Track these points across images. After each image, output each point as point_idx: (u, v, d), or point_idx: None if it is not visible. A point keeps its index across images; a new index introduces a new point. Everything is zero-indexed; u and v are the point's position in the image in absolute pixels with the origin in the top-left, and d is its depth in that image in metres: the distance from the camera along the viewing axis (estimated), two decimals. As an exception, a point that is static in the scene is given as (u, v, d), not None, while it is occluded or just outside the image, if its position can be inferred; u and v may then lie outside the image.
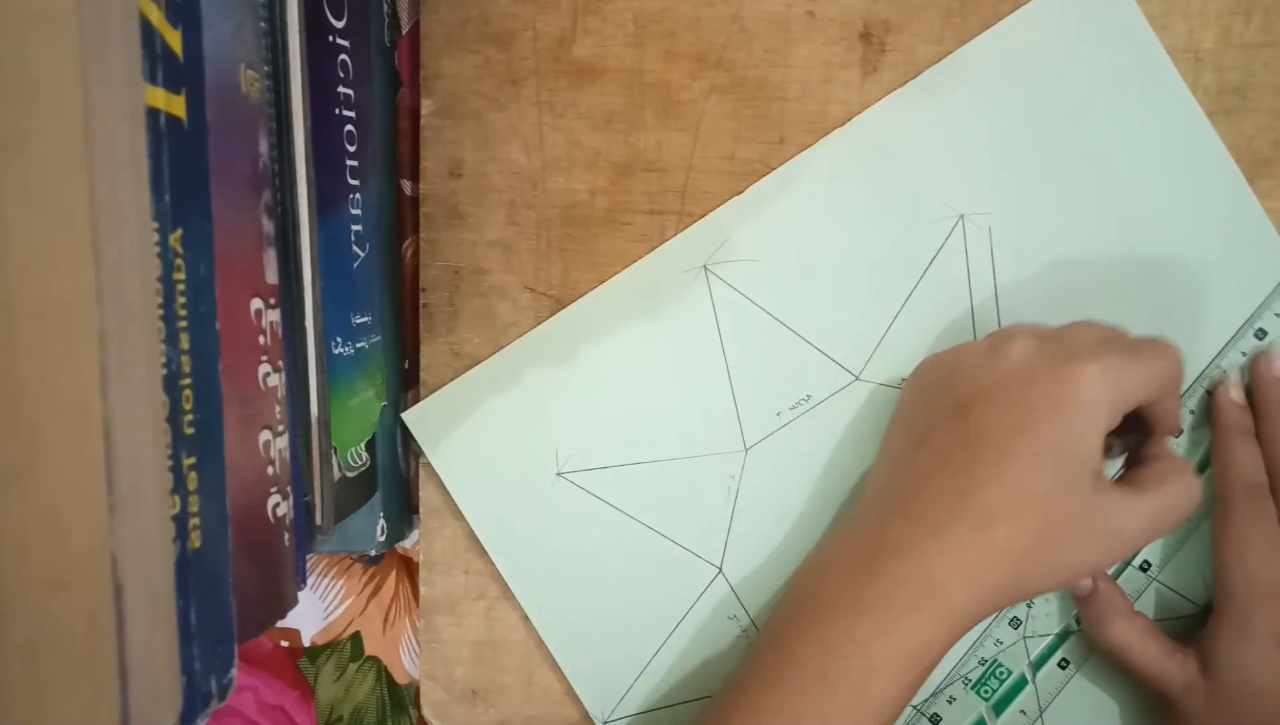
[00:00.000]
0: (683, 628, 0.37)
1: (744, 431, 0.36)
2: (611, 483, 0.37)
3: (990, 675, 0.35)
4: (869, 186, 0.36)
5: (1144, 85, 0.35)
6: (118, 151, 0.17)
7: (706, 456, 0.36)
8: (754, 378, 0.36)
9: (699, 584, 0.37)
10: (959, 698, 0.35)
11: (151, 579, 0.18)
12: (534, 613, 0.37)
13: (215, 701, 0.20)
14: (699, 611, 0.37)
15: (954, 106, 0.36)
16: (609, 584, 0.37)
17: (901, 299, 0.36)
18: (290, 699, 0.41)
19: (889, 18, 0.36)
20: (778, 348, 0.36)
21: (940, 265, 0.36)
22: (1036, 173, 0.36)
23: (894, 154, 0.36)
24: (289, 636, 0.41)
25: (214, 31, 0.21)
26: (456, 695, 0.39)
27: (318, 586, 0.41)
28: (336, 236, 0.31)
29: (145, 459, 0.18)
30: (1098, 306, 0.34)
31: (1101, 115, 0.35)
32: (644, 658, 0.37)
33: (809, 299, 0.36)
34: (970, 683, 0.35)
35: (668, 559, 0.37)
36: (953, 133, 0.36)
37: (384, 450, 0.36)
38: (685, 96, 0.37)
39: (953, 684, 0.35)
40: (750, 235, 0.36)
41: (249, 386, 0.23)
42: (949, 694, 0.35)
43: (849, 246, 0.36)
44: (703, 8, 0.36)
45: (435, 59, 0.37)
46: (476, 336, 0.38)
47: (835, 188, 0.36)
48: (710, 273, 0.36)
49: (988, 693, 0.35)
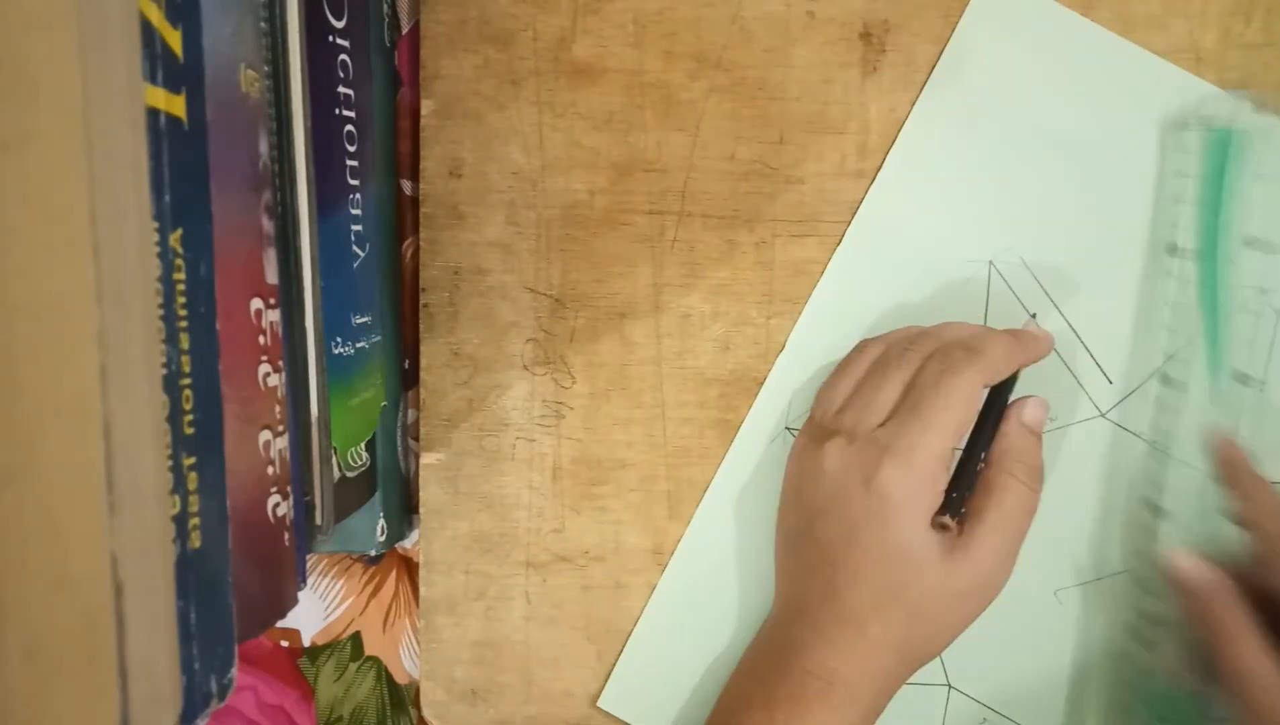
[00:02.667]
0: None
1: None
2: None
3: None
4: (898, 285, 0.37)
5: (1081, 57, 0.35)
6: (118, 151, 0.17)
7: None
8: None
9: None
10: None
11: (151, 579, 0.18)
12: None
13: (215, 701, 0.20)
14: None
15: (934, 165, 0.36)
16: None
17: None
18: (290, 699, 0.41)
19: (889, 18, 0.36)
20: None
21: (995, 310, 0.36)
22: (1031, 188, 0.36)
23: (903, 237, 0.36)
24: (289, 636, 0.41)
25: (214, 31, 0.21)
26: (456, 695, 0.39)
27: (318, 586, 0.41)
28: (336, 236, 0.31)
29: (145, 459, 0.18)
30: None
31: (1059, 106, 0.36)
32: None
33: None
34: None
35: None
36: (943, 191, 0.36)
37: (384, 450, 0.36)
38: (685, 96, 0.37)
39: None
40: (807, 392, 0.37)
41: (249, 386, 0.23)
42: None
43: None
44: (703, 8, 0.36)
45: (435, 59, 0.37)
46: (476, 336, 0.38)
47: (862, 299, 0.37)
48: (790, 432, 0.37)
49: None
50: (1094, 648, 0.36)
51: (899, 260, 0.37)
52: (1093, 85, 0.36)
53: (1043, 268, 0.36)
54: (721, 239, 0.37)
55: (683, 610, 0.38)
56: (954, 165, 0.36)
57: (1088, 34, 0.35)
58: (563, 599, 0.38)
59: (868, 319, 0.37)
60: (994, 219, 0.36)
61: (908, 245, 0.36)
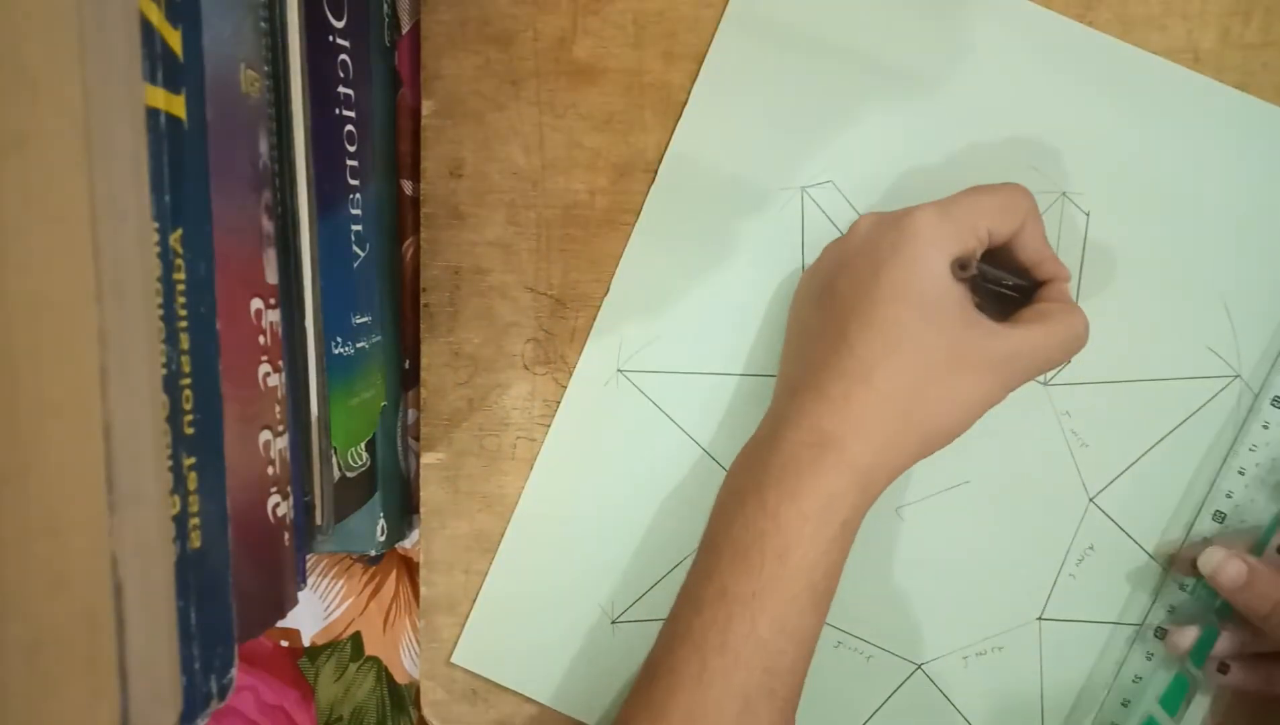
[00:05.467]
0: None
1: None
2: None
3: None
4: (711, 220, 0.37)
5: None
6: (118, 151, 0.17)
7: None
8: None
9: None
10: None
11: (151, 579, 0.18)
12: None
13: (215, 701, 0.20)
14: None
15: (736, 102, 0.36)
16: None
17: None
18: (290, 699, 0.41)
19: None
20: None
21: (810, 238, 0.36)
22: (841, 116, 0.36)
23: (713, 174, 0.36)
24: (289, 636, 0.41)
25: (214, 31, 0.21)
26: (456, 695, 0.39)
27: (318, 586, 0.41)
28: (336, 236, 0.31)
29: (145, 459, 0.18)
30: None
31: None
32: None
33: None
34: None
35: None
36: (749, 125, 0.36)
37: (384, 450, 0.36)
38: (685, 97, 0.37)
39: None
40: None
41: (249, 386, 0.23)
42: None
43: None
44: (703, 8, 0.36)
45: (435, 59, 0.37)
46: (476, 336, 0.38)
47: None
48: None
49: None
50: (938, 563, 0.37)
51: (710, 198, 0.36)
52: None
53: (859, 192, 0.36)
54: (721, 239, 0.37)
55: (527, 560, 0.38)
56: (759, 99, 0.36)
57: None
58: (563, 599, 0.38)
59: (685, 256, 0.37)
60: (804, 149, 0.36)
61: (717, 183, 0.36)
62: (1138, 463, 0.36)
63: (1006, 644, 0.36)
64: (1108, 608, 0.36)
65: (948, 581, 0.37)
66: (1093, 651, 0.36)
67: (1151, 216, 0.35)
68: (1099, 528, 0.36)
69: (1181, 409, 0.35)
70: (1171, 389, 0.35)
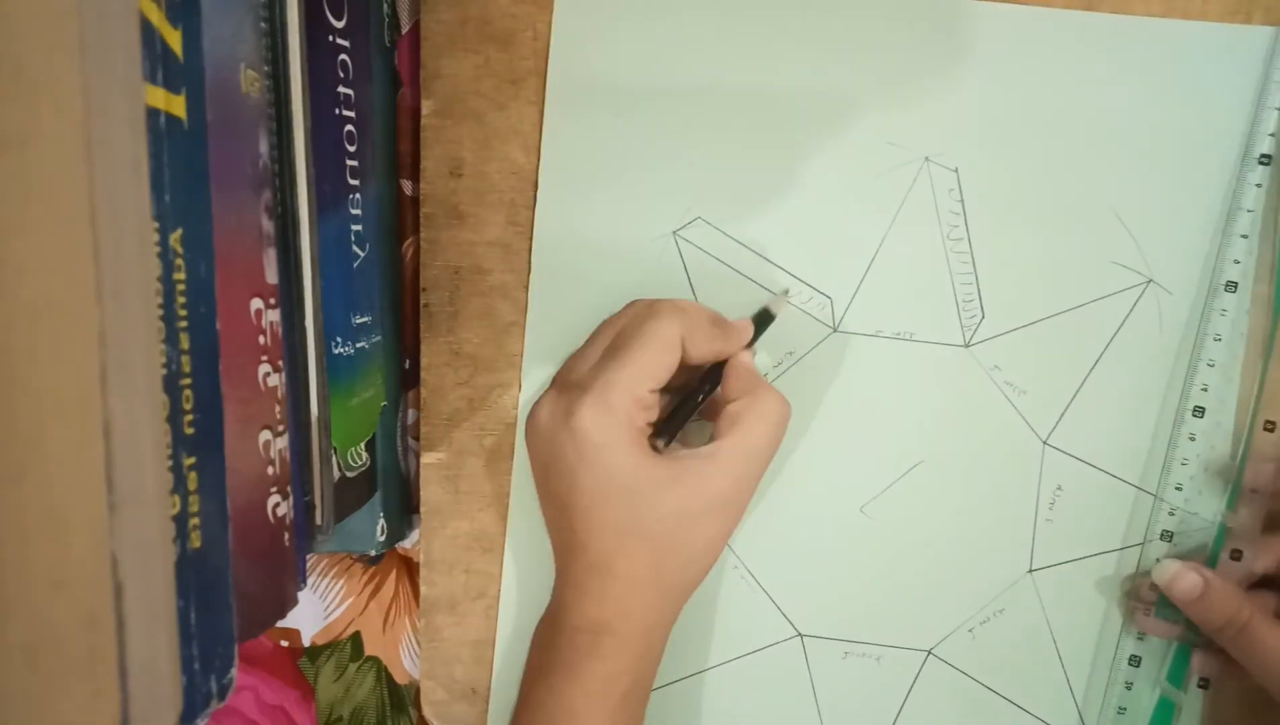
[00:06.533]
0: None
1: None
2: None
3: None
4: (594, 286, 0.37)
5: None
6: (118, 151, 0.17)
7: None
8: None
9: None
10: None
11: (151, 579, 0.18)
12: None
13: (215, 701, 0.20)
14: None
15: (583, 161, 0.36)
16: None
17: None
18: (290, 699, 0.41)
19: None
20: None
21: (697, 274, 0.36)
22: (694, 152, 0.36)
23: (582, 237, 0.36)
24: (289, 636, 0.41)
25: (214, 31, 0.21)
26: (456, 695, 0.39)
27: (318, 586, 0.41)
28: (336, 236, 0.31)
29: (145, 459, 0.18)
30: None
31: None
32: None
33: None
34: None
35: None
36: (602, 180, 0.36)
37: (384, 450, 0.36)
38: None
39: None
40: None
41: (249, 386, 0.23)
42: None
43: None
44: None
45: (435, 59, 0.37)
46: (476, 336, 0.38)
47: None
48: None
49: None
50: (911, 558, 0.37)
51: (589, 268, 0.37)
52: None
53: (727, 219, 0.36)
54: (721, 239, 0.37)
55: (526, 611, 0.38)
56: (602, 162, 0.36)
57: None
58: (563, 599, 0.38)
59: (579, 324, 0.36)
60: (662, 195, 0.36)
61: (590, 254, 0.37)
62: (1079, 393, 0.36)
63: (1006, 605, 0.37)
64: (1092, 541, 0.36)
65: (930, 562, 0.37)
66: (1091, 588, 0.36)
67: (1018, 153, 0.35)
68: (1061, 467, 0.36)
69: (1106, 328, 0.36)
70: (1089, 312, 0.36)
